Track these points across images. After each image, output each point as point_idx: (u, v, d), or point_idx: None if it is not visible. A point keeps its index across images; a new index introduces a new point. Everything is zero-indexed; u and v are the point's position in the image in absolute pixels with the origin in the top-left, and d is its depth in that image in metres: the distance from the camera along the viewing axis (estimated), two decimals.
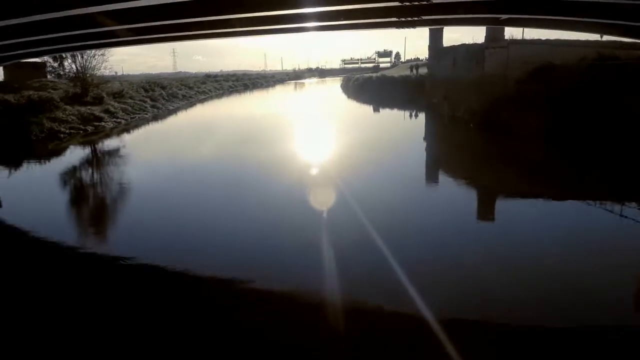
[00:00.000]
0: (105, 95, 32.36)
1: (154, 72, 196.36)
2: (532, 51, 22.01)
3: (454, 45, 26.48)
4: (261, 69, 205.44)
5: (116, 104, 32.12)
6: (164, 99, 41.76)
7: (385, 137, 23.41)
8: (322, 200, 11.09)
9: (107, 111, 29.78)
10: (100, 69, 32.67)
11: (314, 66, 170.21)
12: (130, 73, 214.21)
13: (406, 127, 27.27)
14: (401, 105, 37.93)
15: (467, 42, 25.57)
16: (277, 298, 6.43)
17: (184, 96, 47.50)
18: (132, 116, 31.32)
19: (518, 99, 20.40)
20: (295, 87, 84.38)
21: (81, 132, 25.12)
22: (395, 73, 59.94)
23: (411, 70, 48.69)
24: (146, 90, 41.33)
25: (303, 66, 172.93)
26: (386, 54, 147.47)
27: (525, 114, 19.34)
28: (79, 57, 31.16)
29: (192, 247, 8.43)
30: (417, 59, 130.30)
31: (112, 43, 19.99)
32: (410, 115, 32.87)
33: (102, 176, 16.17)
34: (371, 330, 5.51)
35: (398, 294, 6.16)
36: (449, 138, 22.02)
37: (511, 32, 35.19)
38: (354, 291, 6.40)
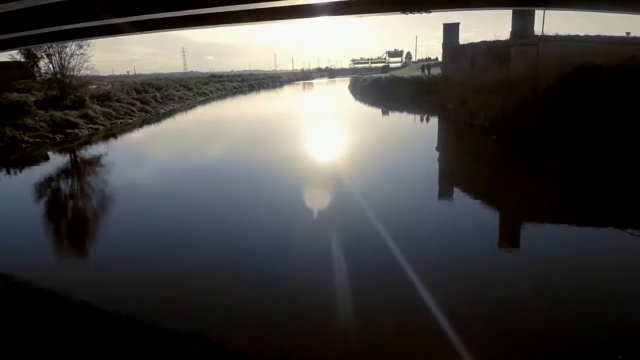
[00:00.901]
0: (87, 99, 29.29)
1: (165, 72, 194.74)
2: (567, 50, 18.25)
3: (472, 43, 22.79)
4: (271, 68, 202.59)
5: (99, 108, 29.03)
6: (157, 101, 38.65)
7: (393, 145, 19.95)
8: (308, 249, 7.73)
9: (85, 116, 26.67)
10: (80, 70, 29.43)
11: (324, 66, 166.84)
12: (142, 73, 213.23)
13: (417, 134, 23.71)
14: (412, 109, 34.23)
15: (487, 40, 21.89)
16: None
17: (180, 98, 44.37)
18: (113, 121, 28.17)
19: (552, 107, 16.72)
20: (303, 87, 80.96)
21: (48, 141, 22.00)
22: (405, 73, 56.12)
23: (422, 71, 44.91)
24: (138, 92, 38.24)
25: (313, 66, 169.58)
26: (397, 53, 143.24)
27: (561, 125, 15.67)
28: (56, 57, 28.07)
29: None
30: (429, 59, 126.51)
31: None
32: (422, 120, 29.27)
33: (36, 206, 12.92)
34: None
35: None
36: (467, 150, 18.36)
37: (538, 29, 31.16)
38: None
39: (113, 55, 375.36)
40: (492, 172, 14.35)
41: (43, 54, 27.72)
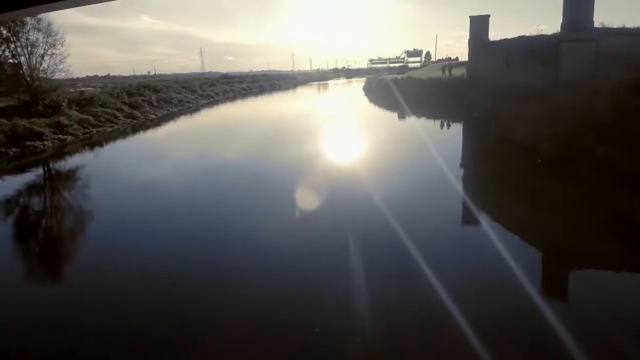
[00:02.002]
0: (64, 104, 25.73)
1: (185, 72, 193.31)
2: (637, 47, 13.60)
3: (506, 39, 18.21)
4: (290, 69, 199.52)
5: (76, 115, 25.45)
6: (151, 105, 35.00)
7: (407, 162, 15.75)
8: None
9: (56, 125, 23.06)
10: (54, 72, 25.90)
11: (342, 66, 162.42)
12: (163, 73, 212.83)
13: (437, 147, 19.16)
14: (431, 114, 29.71)
15: (527, 34, 17.29)
16: None
17: (180, 101, 40.69)
18: (89, 130, 24.48)
19: (623, 123, 12.12)
20: (317, 89, 76.75)
21: None
22: (424, 74, 51.32)
23: (443, 72, 40.16)
24: (130, 95, 34.65)
25: (331, 66, 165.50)
26: (416, 53, 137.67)
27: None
28: (24, 57, 24.54)
29: None
30: (449, 59, 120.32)
31: None
32: (442, 129, 24.75)
33: None
34: None
35: None
36: (504, 177, 13.77)
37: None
38: None
39: (133, 56, 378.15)
40: (549, 218, 9.86)
41: (8, 53, 24.14)
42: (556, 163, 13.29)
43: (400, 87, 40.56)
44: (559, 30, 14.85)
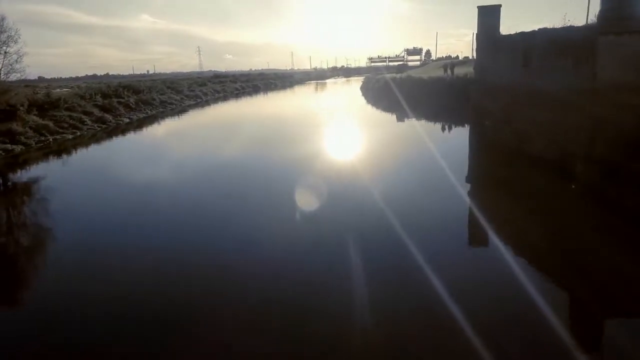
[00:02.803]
0: (21, 108, 22.61)
1: (185, 71, 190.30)
2: None
3: (523, 33, 14.98)
4: (289, 68, 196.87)
5: (35, 120, 22.36)
6: (127, 107, 31.90)
7: (404, 174, 12.78)
8: None
9: (6, 132, 19.99)
10: (9, 73, 22.80)
11: (342, 64, 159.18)
12: (162, 72, 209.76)
13: (438, 159, 16.04)
14: (431, 117, 26.59)
15: (551, 26, 14.09)
16: None
17: (162, 103, 37.58)
18: (44, 138, 21.36)
19: None
20: (313, 88, 73.58)
21: None
22: (424, 73, 48.15)
23: (445, 71, 37.00)
24: (106, 97, 31.55)
25: (331, 64, 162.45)
26: (415, 51, 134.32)
27: None
28: None
29: None
30: (450, 57, 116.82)
31: None
32: (444, 132, 21.67)
33: None
34: None
35: None
36: (523, 197, 10.59)
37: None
38: None
39: (134, 55, 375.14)
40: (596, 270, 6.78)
41: None
42: (600, 193, 10.16)
43: (399, 87, 37.44)
44: (594, 20, 11.73)
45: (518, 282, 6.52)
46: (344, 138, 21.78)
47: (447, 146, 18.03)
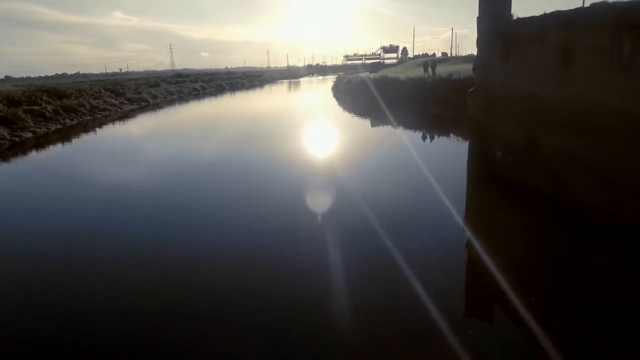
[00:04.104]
0: None
1: (159, 69, 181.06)
2: None
3: (559, 12, 9.32)
4: (265, 65, 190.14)
5: None
6: (41, 117, 25.19)
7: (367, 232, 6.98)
8: None
9: None
10: None
11: (319, 62, 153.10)
12: (136, 70, 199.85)
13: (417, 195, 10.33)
14: (412, 127, 20.99)
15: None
16: None
17: (93, 109, 30.84)
18: None
19: None
20: (284, 88, 67.40)
21: None
22: (401, 72, 42.72)
23: (425, 70, 31.49)
24: (12, 104, 24.83)
25: (309, 62, 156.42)
26: (392, 49, 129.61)
27: None
28: None
29: None
30: (427, 55, 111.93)
31: None
32: (424, 140, 15.95)
33: None
34: None
35: None
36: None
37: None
38: None
39: (107, 53, 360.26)
40: None
41: None
42: None
43: (373, 89, 31.76)
44: None
45: None
46: (305, 158, 15.90)
47: (432, 173, 12.25)
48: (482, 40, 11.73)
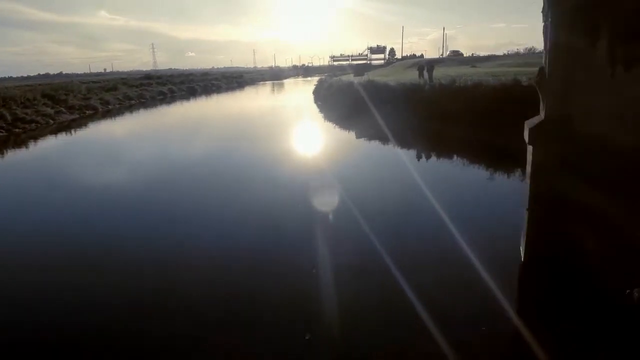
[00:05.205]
0: None
1: (145, 69, 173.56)
2: None
3: None
4: (252, 65, 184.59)
5: None
6: None
7: None
8: None
9: None
10: None
11: (304, 63, 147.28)
12: (121, 70, 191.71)
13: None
14: (413, 152, 15.48)
15: None
16: None
17: (17, 121, 24.67)
18: None
19: None
20: (264, 90, 61.57)
21: None
22: (391, 75, 37.38)
23: (420, 75, 26.04)
24: None
25: (296, 62, 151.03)
26: (379, 49, 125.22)
27: None
28: None
29: None
30: (414, 56, 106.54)
31: None
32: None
33: None
34: None
35: None
36: None
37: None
38: None
39: (93, 52, 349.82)
40: None
41: None
42: None
43: (359, 95, 26.26)
44: None
45: None
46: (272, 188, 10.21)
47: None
48: (562, 31, 6.16)
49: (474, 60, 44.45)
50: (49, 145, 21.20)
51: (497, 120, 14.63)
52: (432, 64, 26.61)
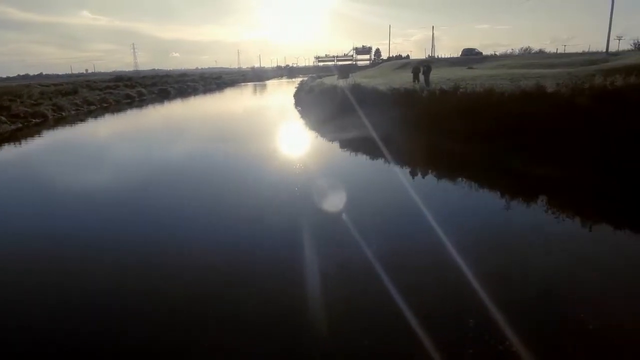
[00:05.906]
0: None
1: (127, 70, 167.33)
2: None
3: None
4: (236, 66, 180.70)
5: None
6: None
7: None
8: None
9: None
10: None
11: (291, 63, 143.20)
12: (103, 71, 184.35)
13: None
14: (415, 171, 11.98)
15: None
16: None
17: None
18: None
19: None
20: (244, 93, 57.68)
21: None
22: (378, 77, 33.86)
23: (415, 78, 22.59)
24: None
25: (281, 63, 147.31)
26: (365, 50, 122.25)
27: None
28: None
29: None
30: (400, 57, 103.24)
31: None
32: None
33: None
34: None
35: None
36: None
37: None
38: None
39: (75, 53, 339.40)
40: None
41: None
42: None
43: (344, 102, 22.75)
44: None
45: None
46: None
47: None
48: None
49: (470, 62, 41.27)
50: None
51: (535, 138, 11.18)
52: (428, 65, 23.14)
